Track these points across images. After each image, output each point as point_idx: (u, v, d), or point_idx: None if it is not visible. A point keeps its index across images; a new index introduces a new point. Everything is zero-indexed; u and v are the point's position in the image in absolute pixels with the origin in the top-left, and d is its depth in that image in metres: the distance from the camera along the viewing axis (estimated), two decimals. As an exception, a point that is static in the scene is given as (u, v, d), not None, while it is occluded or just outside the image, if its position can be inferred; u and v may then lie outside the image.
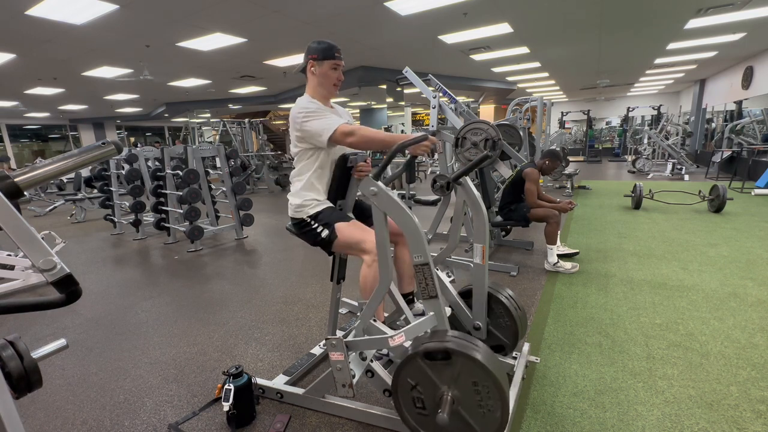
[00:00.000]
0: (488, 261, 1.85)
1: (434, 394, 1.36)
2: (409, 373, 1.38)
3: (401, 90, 10.39)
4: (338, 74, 1.77)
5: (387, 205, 1.44)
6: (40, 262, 0.73)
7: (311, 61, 1.73)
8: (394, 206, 1.43)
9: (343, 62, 1.77)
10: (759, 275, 3.11)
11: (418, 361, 1.35)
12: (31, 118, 15.35)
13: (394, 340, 1.45)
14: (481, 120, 3.05)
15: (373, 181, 1.42)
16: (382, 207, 1.44)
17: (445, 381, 1.34)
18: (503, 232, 4.32)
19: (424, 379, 1.37)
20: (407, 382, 1.40)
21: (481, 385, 1.29)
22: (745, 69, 9.89)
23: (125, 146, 12.74)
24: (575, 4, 5.38)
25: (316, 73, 1.75)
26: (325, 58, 1.72)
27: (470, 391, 1.31)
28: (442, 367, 1.33)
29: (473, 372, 1.29)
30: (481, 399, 1.30)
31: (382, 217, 1.46)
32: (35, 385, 0.78)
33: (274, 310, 2.87)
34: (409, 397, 1.41)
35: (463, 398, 1.33)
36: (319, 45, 1.72)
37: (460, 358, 1.30)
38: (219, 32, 5.77)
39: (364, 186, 1.44)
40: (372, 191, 1.43)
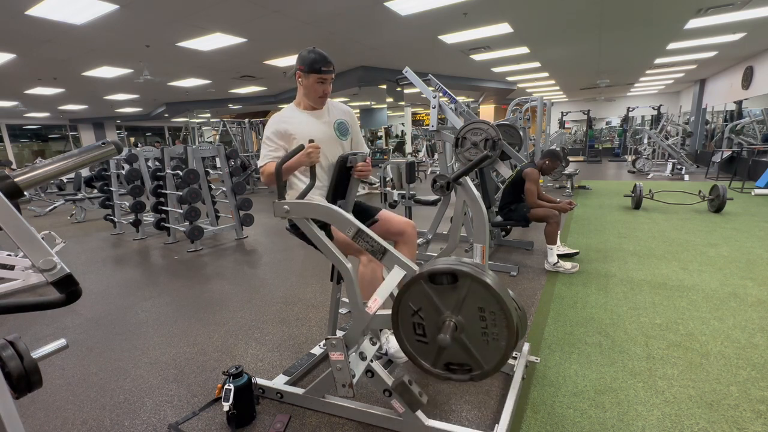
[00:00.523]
0: (488, 261, 1.85)
1: (436, 320, 1.29)
2: (411, 297, 1.31)
3: (401, 90, 10.39)
4: (324, 87, 1.78)
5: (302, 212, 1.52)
6: (40, 262, 0.73)
7: (299, 71, 1.76)
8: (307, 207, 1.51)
9: (331, 75, 1.77)
10: (759, 275, 3.11)
11: (422, 284, 1.28)
12: (31, 118, 15.35)
13: (370, 307, 1.43)
14: (481, 120, 3.05)
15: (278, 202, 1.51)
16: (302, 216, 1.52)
17: (449, 306, 1.27)
18: (503, 232, 4.32)
19: (426, 304, 1.30)
20: (408, 306, 1.32)
21: (488, 312, 1.22)
22: (745, 69, 9.89)
23: (125, 146, 12.73)
24: (575, 4, 5.38)
25: (302, 83, 1.78)
26: (311, 71, 1.73)
27: (475, 317, 1.24)
28: (447, 291, 1.26)
29: (481, 297, 1.22)
30: (486, 326, 1.24)
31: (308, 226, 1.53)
32: (35, 385, 0.78)
33: (274, 310, 2.87)
34: (410, 323, 1.34)
35: (467, 325, 1.26)
36: (308, 56, 1.73)
37: (467, 281, 1.23)
38: (219, 32, 5.77)
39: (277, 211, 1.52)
40: (285, 209, 1.51)
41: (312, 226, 1.51)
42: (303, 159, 1.58)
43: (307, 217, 1.50)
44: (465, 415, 1.72)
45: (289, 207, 1.49)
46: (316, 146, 1.58)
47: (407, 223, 1.97)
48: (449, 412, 1.74)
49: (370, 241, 1.45)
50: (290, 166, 1.60)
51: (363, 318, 1.47)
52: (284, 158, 1.49)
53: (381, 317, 1.46)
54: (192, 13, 4.94)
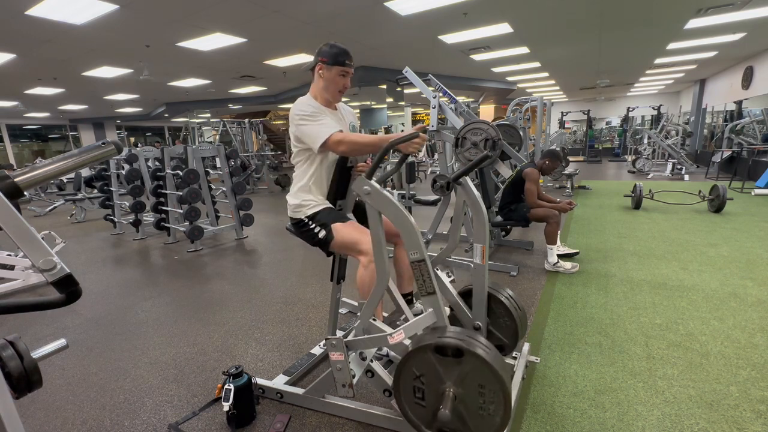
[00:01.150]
0: (488, 261, 1.85)
1: (437, 387, 1.36)
2: (416, 363, 1.38)
3: (401, 90, 10.39)
4: (345, 81, 1.76)
5: (381, 204, 1.44)
6: (40, 262, 0.73)
7: (321, 63, 1.72)
8: (388, 204, 1.43)
9: (352, 70, 1.76)
10: (759, 275, 3.11)
11: (428, 353, 1.34)
12: (31, 118, 15.35)
13: (393, 337, 1.45)
14: (481, 120, 3.05)
15: (366, 180, 1.42)
16: (376, 206, 1.44)
17: (451, 377, 1.33)
18: (503, 232, 4.32)
19: (429, 372, 1.36)
20: (412, 371, 1.39)
21: (488, 389, 1.29)
22: (745, 69, 9.89)
23: (125, 146, 12.73)
24: (575, 4, 5.38)
25: (323, 76, 1.74)
26: (335, 64, 1.71)
27: (474, 392, 1.31)
28: (451, 364, 1.32)
29: (483, 375, 1.29)
30: (484, 402, 1.31)
31: (376, 216, 1.46)
32: (35, 385, 0.78)
33: (274, 310, 2.87)
34: (411, 386, 1.41)
35: (465, 397, 1.33)
36: (331, 49, 1.71)
37: (472, 358, 1.29)
38: (219, 32, 5.77)
39: (357, 185, 1.43)
40: (365, 190, 1.42)
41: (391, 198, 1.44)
42: (408, 146, 1.52)
43: (380, 210, 1.44)
44: (465, 415, 1.72)
45: (372, 190, 1.42)
46: (425, 138, 1.53)
47: (408, 222, 1.97)
48: (449, 412, 1.73)
49: (426, 275, 1.45)
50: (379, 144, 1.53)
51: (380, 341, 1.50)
52: (400, 139, 1.45)
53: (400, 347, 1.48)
54: (192, 13, 4.94)
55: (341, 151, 1.62)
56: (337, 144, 1.60)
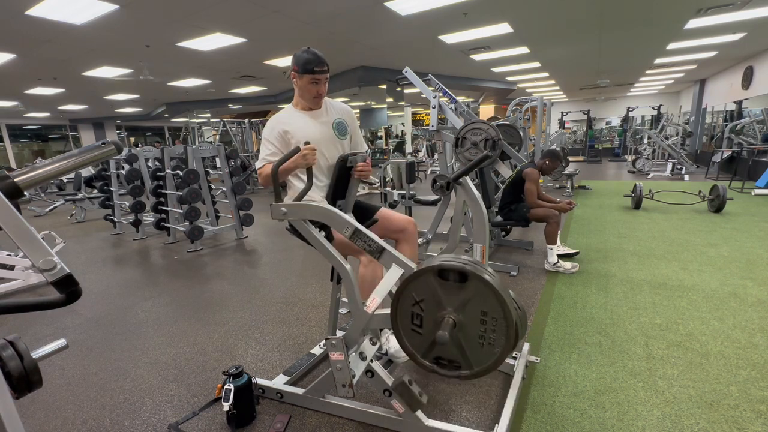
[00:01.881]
0: (488, 261, 1.85)
1: (436, 314, 1.29)
2: (416, 288, 1.32)
3: (401, 90, 10.39)
4: (318, 88, 1.76)
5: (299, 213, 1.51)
6: (40, 262, 0.73)
7: (293, 72, 1.76)
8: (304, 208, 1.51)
9: (325, 75, 1.76)
10: (759, 275, 3.11)
11: (430, 276, 1.28)
12: (31, 118, 15.35)
13: (369, 306, 1.44)
14: (481, 120, 3.05)
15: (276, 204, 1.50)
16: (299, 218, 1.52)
17: (452, 303, 1.27)
18: (503, 232, 4.32)
19: (429, 297, 1.30)
20: (411, 296, 1.33)
21: (490, 317, 1.23)
22: (745, 69, 9.89)
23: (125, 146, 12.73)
24: (575, 4, 5.38)
25: (296, 84, 1.78)
26: (305, 72, 1.72)
27: (476, 319, 1.25)
28: (454, 289, 1.26)
29: (487, 301, 1.22)
30: (485, 330, 1.24)
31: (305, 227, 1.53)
32: (35, 385, 0.78)
33: (274, 310, 2.87)
34: (408, 312, 1.35)
35: (466, 325, 1.27)
36: (301, 56, 1.72)
37: (476, 283, 1.23)
38: (219, 32, 5.77)
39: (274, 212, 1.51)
40: (282, 212, 1.50)
41: (309, 227, 1.51)
42: (299, 161, 1.58)
43: (304, 218, 1.51)
44: (465, 415, 1.72)
45: (286, 209, 1.50)
46: (311, 148, 1.58)
47: (408, 220, 1.97)
48: (449, 412, 1.74)
49: (367, 240, 1.45)
50: (287, 168, 1.60)
51: (362, 317, 1.47)
52: (280, 161, 1.49)
53: (380, 316, 1.46)
54: (192, 13, 4.94)
55: (260, 183, 1.81)
56: (258, 177, 1.78)
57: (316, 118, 1.84)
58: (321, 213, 1.49)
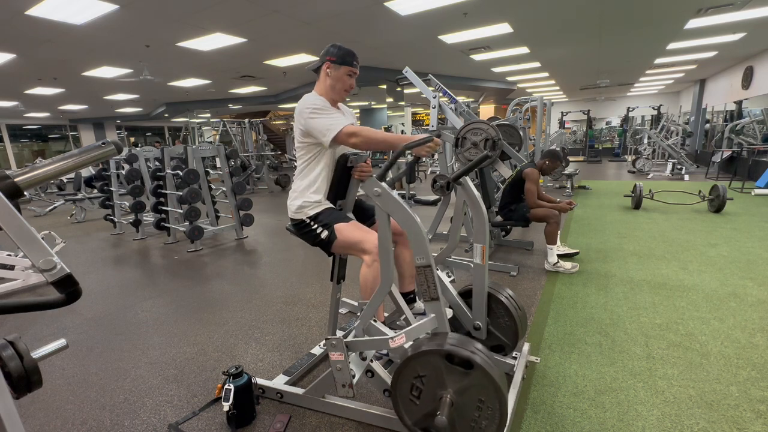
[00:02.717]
0: (488, 261, 1.85)
1: (436, 391, 1.37)
2: (421, 363, 1.38)
3: (401, 90, 10.39)
4: (352, 81, 1.79)
5: (390, 206, 1.45)
6: (40, 262, 0.73)
7: (328, 62, 1.74)
8: (398, 207, 1.44)
9: (358, 72, 1.79)
10: (759, 275, 3.11)
11: (438, 358, 1.35)
12: (31, 118, 15.34)
13: (395, 341, 1.45)
14: (481, 120, 3.05)
15: (377, 181, 1.44)
16: (385, 208, 1.45)
17: (453, 386, 1.35)
18: (503, 232, 4.32)
19: (433, 375, 1.37)
20: (415, 369, 1.40)
21: (486, 406, 1.31)
22: (745, 69, 9.88)
23: (125, 146, 12.74)
24: (575, 4, 5.38)
25: (331, 75, 1.75)
26: (344, 63, 1.73)
27: (472, 405, 1.33)
28: (458, 373, 1.34)
29: (485, 392, 1.30)
30: (479, 416, 1.32)
31: (385, 218, 1.47)
32: (35, 385, 0.78)
33: (274, 310, 2.87)
34: (409, 383, 1.42)
35: (461, 407, 1.34)
36: (340, 50, 1.74)
37: (480, 374, 1.30)
38: (219, 32, 5.77)
39: (367, 187, 1.45)
40: (376, 192, 1.44)
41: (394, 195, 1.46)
42: (422, 149, 1.57)
43: (389, 212, 1.46)
44: (465, 415, 1.72)
45: (382, 192, 1.45)
46: (438, 143, 1.57)
47: (408, 223, 1.96)
48: (449, 412, 1.73)
49: (431, 281, 1.46)
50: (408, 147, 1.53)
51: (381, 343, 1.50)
52: (415, 142, 1.48)
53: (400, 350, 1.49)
54: (192, 13, 4.94)
55: (352, 143, 1.60)
56: (350, 136, 1.59)
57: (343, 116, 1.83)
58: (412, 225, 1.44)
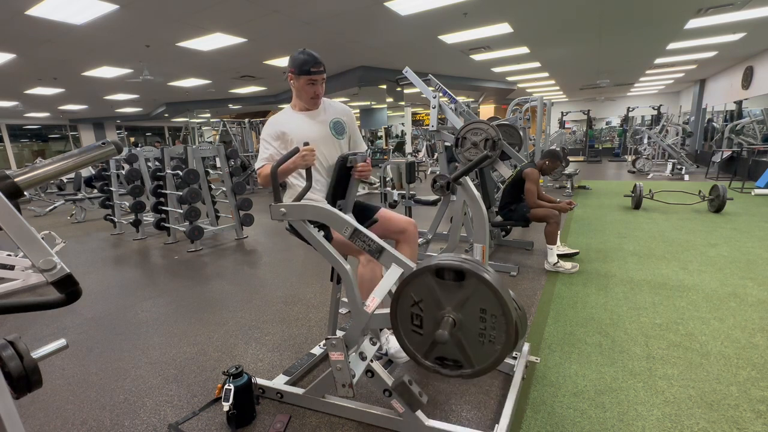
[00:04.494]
0: (488, 261, 1.85)
1: (435, 313, 1.29)
2: (414, 288, 1.31)
3: (401, 90, 10.39)
4: (315, 89, 1.79)
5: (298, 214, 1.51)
6: (40, 262, 0.73)
7: (290, 73, 1.78)
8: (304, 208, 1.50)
9: (321, 76, 1.78)
10: (759, 275, 3.11)
11: (428, 276, 1.28)
12: (31, 118, 15.34)
13: (369, 306, 1.44)
14: (481, 120, 3.05)
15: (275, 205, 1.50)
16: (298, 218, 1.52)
17: (451, 302, 1.26)
18: (503, 232, 4.32)
19: (428, 297, 1.29)
20: (410, 296, 1.33)
21: (489, 314, 1.22)
22: (745, 69, 9.88)
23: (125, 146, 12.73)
24: (575, 4, 5.38)
25: (294, 86, 1.80)
26: (301, 74, 1.75)
27: (476, 317, 1.24)
28: (452, 288, 1.25)
29: (485, 299, 1.22)
30: (485, 328, 1.24)
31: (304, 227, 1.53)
32: (35, 385, 0.78)
33: (274, 310, 2.87)
34: (408, 313, 1.35)
35: (465, 323, 1.26)
36: (297, 58, 1.75)
37: (474, 281, 1.22)
38: (219, 32, 5.77)
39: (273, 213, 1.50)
40: (282, 212, 1.49)
41: (309, 228, 1.51)
42: (298, 161, 1.58)
43: (303, 219, 1.51)
44: (465, 415, 1.72)
45: (286, 209, 1.50)
46: (310, 149, 1.58)
47: (408, 221, 1.97)
48: (449, 412, 1.74)
49: (366, 240, 1.45)
50: (286, 168, 1.60)
51: (362, 317, 1.47)
52: (279, 161, 1.50)
53: (379, 316, 1.46)
54: (192, 13, 4.94)
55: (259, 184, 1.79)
56: (258, 177, 1.77)
57: (314, 118, 1.86)
58: (320, 213, 1.49)
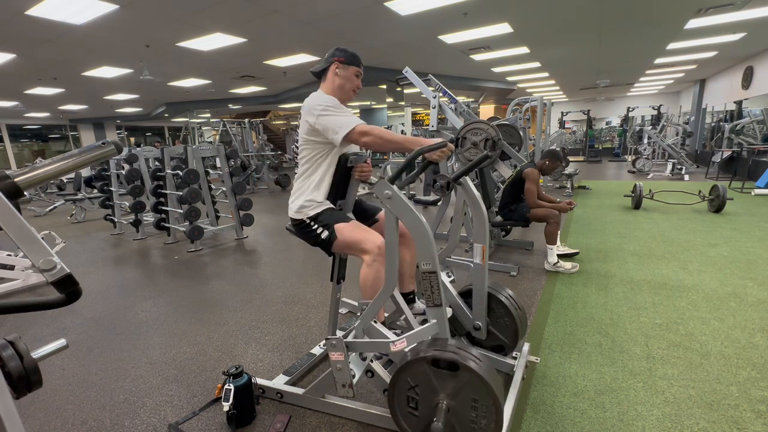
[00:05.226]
0: (488, 261, 1.85)
1: (431, 399, 1.37)
2: (411, 374, 1.39)
3: (401, 90, 10.39)
4: (359, 82, 1.84)
5: (400, 210, 1.43)
6: (40, 262, 0.73)
7: (337, 62, 1.77)
8: (407, 211, 1.43)
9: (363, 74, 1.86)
10: (759, 275, 3.11)
11: (424, 365, 1.36)
12: (31, 118, 15.34)
13: (396, 345, 1.45)
14: (481, 120, 3.05)
15: (388, 184, 1.42)
16: (395, 211, 1.44)
17: (445, 390, 1.35)
18: (503, 232, 4.32)
19: (424, 383, 1.37)
20: (407, 381, 1.40)
21: (481, 404, 1.30)
22: (745, 69, 9.88)
23: (125, 146, 12.73)
24: (575, 4, 5.38)
25: (340, 74, 1.77)
26: (352, 64, 1.79)
27: (468, 405, 1.33)
28: (446, 377, 1.34)
29: (477, 390, 1.30)
30: (477, 416, 1.32)
31: (393, 221, 1.46)
32: (35, 385, 0.78)
33: (274, 310, 2.87)
34: (404, 395, 1.42)
35: (458, 410, 1.34)
36: (347, 51, 1.79)
37: (467, 373, 1.30)
38: (219, 32, 5.77)
39: (378, 189, 1.43)
40: (387, 194, 1.42)
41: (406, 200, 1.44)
42: (435, 154, 1.52)
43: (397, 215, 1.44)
44: (465, 415, 1.72)
45: (392, 195, 1.42)
46: (451, 148, 1.54)
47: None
48: (449, 412, 1.73)
49: (435, 287, 1.45)
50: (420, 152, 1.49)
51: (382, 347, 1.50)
52: (430, 147, 1.46)
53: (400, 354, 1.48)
54: (192, 13, 4.94)
55: (364, 142, 1.59)
56: (362, 134, 1.58)
57: None
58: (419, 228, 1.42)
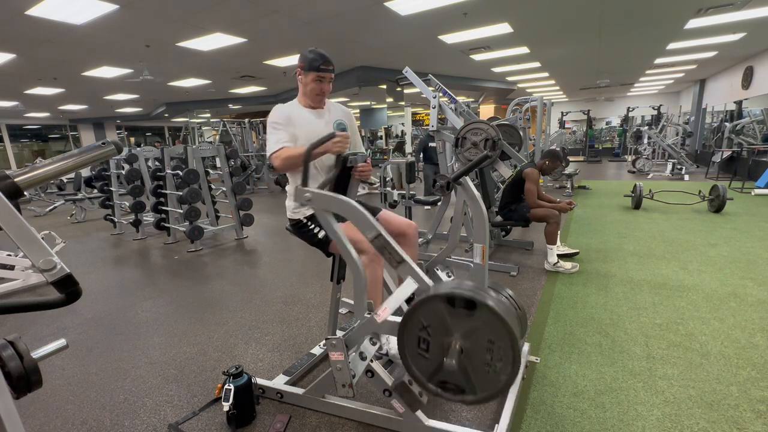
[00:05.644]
0: (488, 261, 1.85)
1: (443, 339, 1.30)
2: (424, 313, 1.32)
3: (401, 90, 10.38)
4: (322, 86, 1.79)
5: (324, 204, 1.45)
6: (40, 262, 0.73)
7: (299, 69, 1.79)
8: (330, 200, 1.44)
9: (330, 74, 1.79)
10: (759, 275, 3.11)
11: (438, 303, 1.29)
12: (31, 118, 15.34)
13: (379, 315, 1.43)
14: (481, 120, 3.05)
15: (302, 188, 1.44)
16: (322, 208, 1.46)
17: (460, 330, 1.27)
18: (503, 232, 4.32)
19: (437, 323, 1.30)
20: (419, 320, 1.33)
21: (497, 346, 1.23)
22: (745, 69, 9.88)
23: (125, 146, 12.73)
24: (575, 4, 5.38)
25: (301, 81, 1.80)
26: (310, 70, 1.76)
27: (483, 347, 1.25)
28: (462, 316, 1.26)
29: (494, 330, 1.22)
30: (491, 358, 1.25)
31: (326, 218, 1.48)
32: (35, 385, 0.78)
33: (274, 310, 2.87)
34: (415, 336, 1.35)
35: (472, 351, 1.27)
36: (308, 55, 1.76)
37: (485, 312, 1.23)
38: (219, 32, 5.77)
39: (298, 196, 1.45)
40: (306, 197, 1.44)
41: (331, 220, 1.47)
42: (331, 146, 1.56)
43: (329, 210, 1.46)
44: (465, 415, 1.72)
45: (312, 195, 1.44)
46: (346, 136, 1.57)
47: (408, 224, 1.97)
48: (449, 412, 1.74)
49: (389, 247, 1.44)
50: (316, 152, 1.54)
51: (369, 325, 1.47)
52: (316, 143, 1.48)
53: (388, 324, 1.46)
54: (192, 13, 4.94)
55: (276, 166, 1.69)
56: (273, 160, 1.69)
57: (320, 117, 1.87)
58: (346, 209, 1.43)
